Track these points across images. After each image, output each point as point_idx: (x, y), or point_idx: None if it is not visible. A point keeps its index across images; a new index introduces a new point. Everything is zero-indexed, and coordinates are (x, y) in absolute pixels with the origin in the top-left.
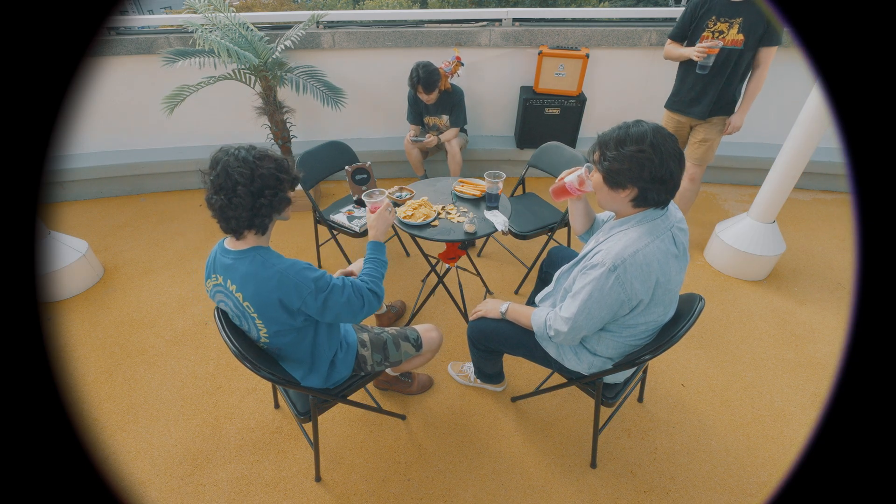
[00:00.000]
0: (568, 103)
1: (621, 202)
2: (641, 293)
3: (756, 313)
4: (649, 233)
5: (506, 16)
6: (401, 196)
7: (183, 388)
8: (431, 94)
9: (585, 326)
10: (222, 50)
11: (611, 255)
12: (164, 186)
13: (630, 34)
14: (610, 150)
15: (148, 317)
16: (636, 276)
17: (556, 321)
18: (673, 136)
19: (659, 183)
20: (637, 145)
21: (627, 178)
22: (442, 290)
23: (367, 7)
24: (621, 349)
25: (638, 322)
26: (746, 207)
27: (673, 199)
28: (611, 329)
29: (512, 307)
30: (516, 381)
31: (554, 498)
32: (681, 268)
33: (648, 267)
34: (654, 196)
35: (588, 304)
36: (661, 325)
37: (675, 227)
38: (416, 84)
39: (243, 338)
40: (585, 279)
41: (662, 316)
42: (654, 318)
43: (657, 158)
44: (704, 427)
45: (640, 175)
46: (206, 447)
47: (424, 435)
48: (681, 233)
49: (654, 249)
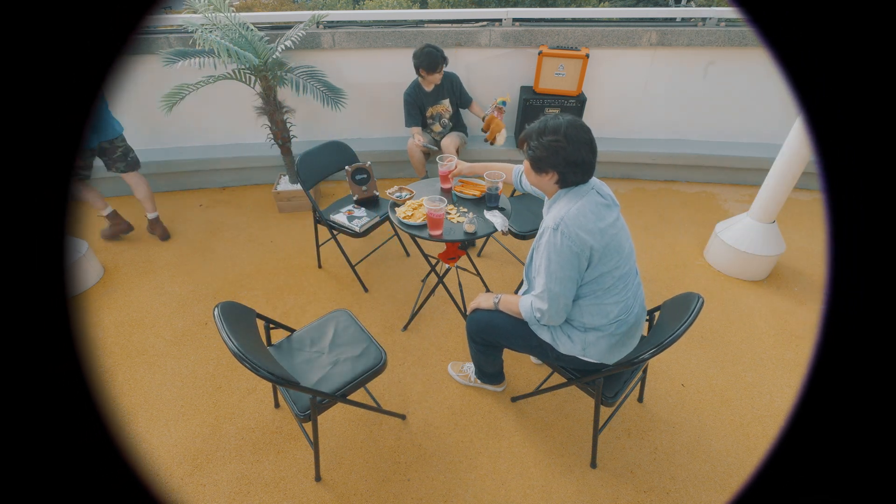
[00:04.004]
0: (568, 103)
1: (547, 184)
2: (590, 240)
3: (756, 313)
4: (576, 196)
5: (506, 16)
6: (401, 196)
7: (183, 388)
8: (436, 74)
9: (561, 293)
10: (222, 50)
11: (550, 220)
12: (165, 186)
13: (630, 34)
14: (532, 140)
15: (148, 317)
16: (578, 226)
17: (536, 300)
18: (586, 127)
19: (574, 166)
20: (553, 135)
21: (548, 164)
22: (442, 291)
23: (367, 7)
24: (605, 312)
25: (602, 273)
26: (746, 207)
27: (590, 178)
28: (584, 294)
29: (504, 298)
30: (516, 381)
31: (554, 498)
32: (616, 215)
33: (585, 217)
34: (572, 178)
35: (551, 268)
36: (629, 276)
37: (596, 187)
38: (419, 67)
39: (243, 338)
40: (539, 251)
41: (621, 261)
42: (614, 265)
43: (570, 147)
44: (704, 427)
45: (557, 161)
46: (206, 447)
47: (424, 435)
48: (602, 186)
49: (584, 203)
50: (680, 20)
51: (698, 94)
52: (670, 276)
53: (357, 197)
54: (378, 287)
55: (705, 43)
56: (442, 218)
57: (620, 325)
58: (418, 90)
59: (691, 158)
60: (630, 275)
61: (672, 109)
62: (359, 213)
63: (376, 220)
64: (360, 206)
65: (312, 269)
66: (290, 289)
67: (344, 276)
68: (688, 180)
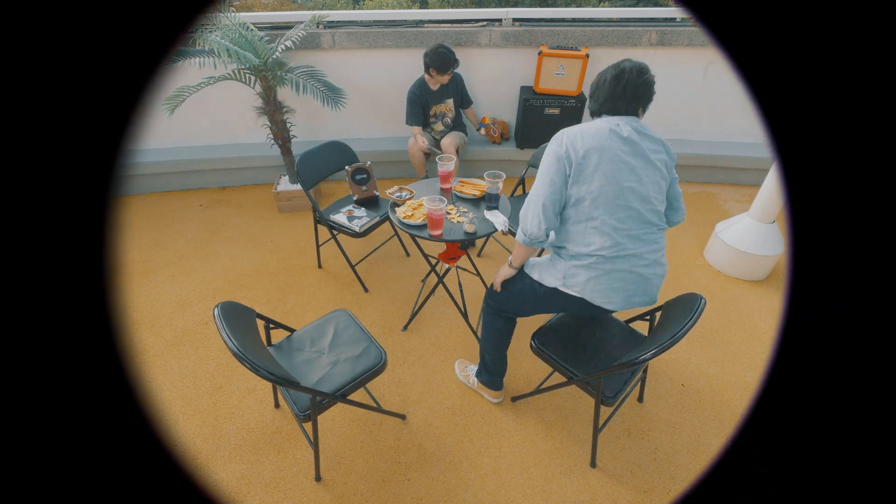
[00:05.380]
0: (568, 103)
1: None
2: (572, 151)
3: (756, 313)
4: (594, 122)
5: (506, 16)
6: (401, 196)
7: (183, 388)
8: (446, 75)
9: (539, 196)
10: (222, 50)
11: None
12: (164, 186)
13: (630, 34)
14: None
15: (148, 317)
16: (569, 136)
17: (522, 220)
18: (638, 79)
19: (598, 92)
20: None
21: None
22: (442, 291)
23: (367, 7)
24: (586, 241)
25: (582, 196)
26: (746, 207)
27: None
28: (568, 217)
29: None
30: (516, 381)
31: (554, 498)
32: (630, 150)
33: (583, 133)
34: (594, 105)
35: (538, 177)
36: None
37: (620, 125)
38: (429, 66)
39: (243, 337)
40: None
41: (605, 190)
42: (595, 192)
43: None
44: (704, 427)
45: (595, 85)
46: (206, 447)
47: (424, 435)
48: (635, 130)
49: (592, 126)
50: (680, 20)
51: (698, 94)
52: (670, 276)
53: (357, 197)
54: (378, 287)
55: (705, 43)
56: (442, 218)
57: (603, 261)
58: (423, 88)
59: (691, 158)
60: (623, 211)
61: (672, 109)
62: (359, 213)
63: (376, 220)
64: (360, 206)
65: (312, 269)
66: (290, 289)
67: (344, 276)
68: (688, 180)
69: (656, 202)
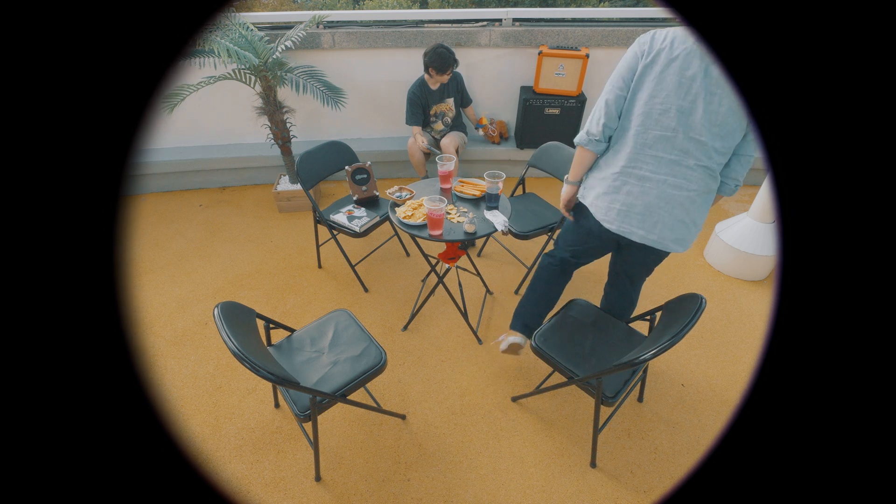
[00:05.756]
0: (568, 103)
1: None
2: (655, 44)
3: (756, 313)
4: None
5: (506, 16)
6: (401, 196)
7: (183, 388)
8: (445, 75)
9: (609, 90)
10: (222, 50)
11: None
12: (164, 186)
13: (630, 34)
14: None
15: (148, 317)
16: (658, 32)
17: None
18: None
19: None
20: None
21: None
22: (442, 291)
23: (367, 7)
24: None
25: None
26: (746, 207)
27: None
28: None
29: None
30: (516, 381)
31: (554, 498)
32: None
33: (675, 31)
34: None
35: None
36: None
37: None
38: (429, 66)
39: (243, 338)
40: None
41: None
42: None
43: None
44: (704, 427)
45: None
46: (206, 447)
47: (424, 435)
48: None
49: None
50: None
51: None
52: (670, 276)
53: (357, 197)
54: (378, 287)
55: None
56: (442, 218)
57: (615, 176)
58: (423, 88)
59: None
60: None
61: None
62: (359, 213)
63: (376, 220)
64: (360, 206)
65: (312, 269)
66: (290, 289)
67: (344, 276)
68: None
69: (706, 134)
